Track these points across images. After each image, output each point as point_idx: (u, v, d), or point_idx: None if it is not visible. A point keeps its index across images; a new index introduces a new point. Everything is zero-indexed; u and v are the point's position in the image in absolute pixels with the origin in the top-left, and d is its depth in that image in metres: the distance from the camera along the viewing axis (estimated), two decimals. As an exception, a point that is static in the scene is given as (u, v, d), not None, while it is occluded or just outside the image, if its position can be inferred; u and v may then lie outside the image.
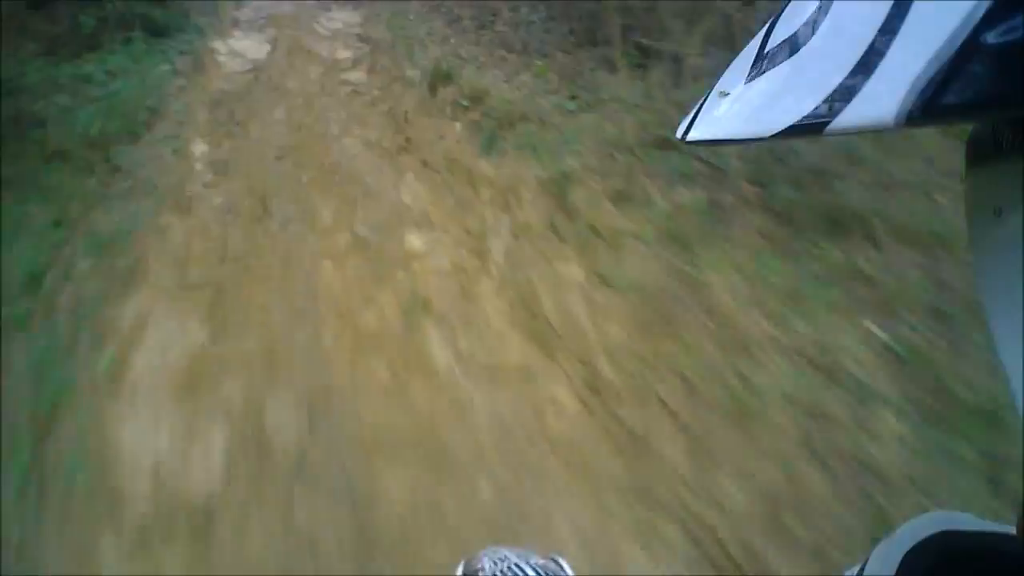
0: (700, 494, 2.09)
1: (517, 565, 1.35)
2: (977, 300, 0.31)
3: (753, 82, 0.34)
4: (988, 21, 0.23)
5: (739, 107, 0.35)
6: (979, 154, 0.32)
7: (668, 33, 4.46)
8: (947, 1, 0.25)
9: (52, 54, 4.59)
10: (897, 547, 0.46)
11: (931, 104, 0.24)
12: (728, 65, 0.37)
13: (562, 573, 1.35)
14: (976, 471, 2.05)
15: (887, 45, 0.26)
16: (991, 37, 0.23)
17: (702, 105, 0.38)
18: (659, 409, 2.38)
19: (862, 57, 0.27)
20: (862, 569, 0.47)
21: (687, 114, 0.38)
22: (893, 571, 0.45)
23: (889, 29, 0.26)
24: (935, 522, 0.47)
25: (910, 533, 0.46)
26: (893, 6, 0.27)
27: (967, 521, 0.47)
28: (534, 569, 1.34)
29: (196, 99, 4.55)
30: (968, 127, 0.33)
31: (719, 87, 0.37)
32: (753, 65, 0.35)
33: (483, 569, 1.35)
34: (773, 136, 0.31)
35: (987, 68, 0.23)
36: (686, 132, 0.37)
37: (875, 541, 0.48)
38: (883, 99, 0.26)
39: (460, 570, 1.44)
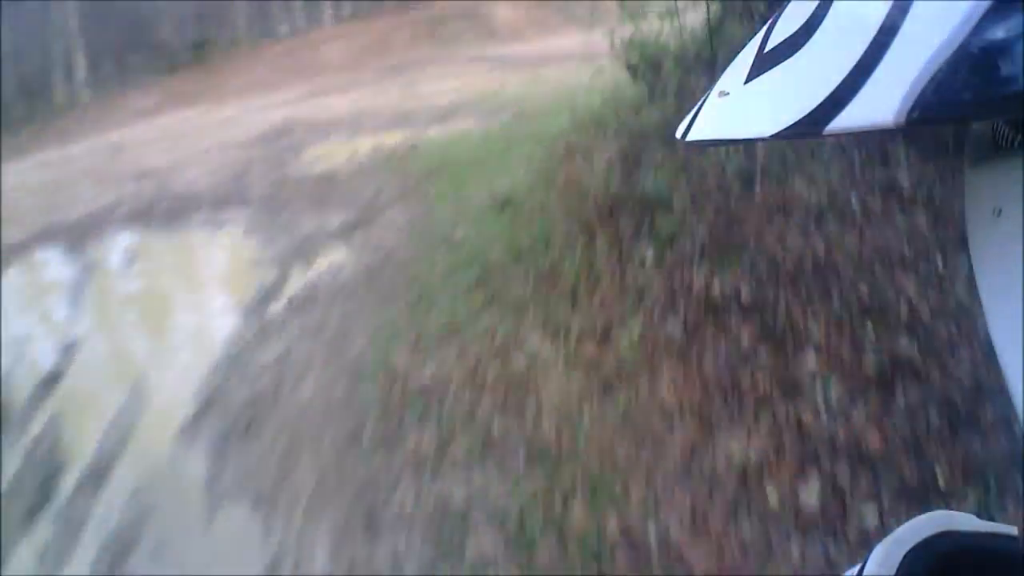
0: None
1: None
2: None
3: (753, 82, 0.34)
4: (988, 21, 0.23)
5: (739, 107, 0.35)
6: (979, 154, 0.32)
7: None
8: (947, 1, 0.25)
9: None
10: (897, 547, 0.46)
11: (931, 104, 0.24)
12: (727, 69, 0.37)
13: None
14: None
15: (887, 45, 0.26)
16: (991, 37, 0.23)
17: (702, 105, 0.38)
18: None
19: (862, 57, 0.27)
20: (862, 569, 0.47)
21: (687, 114, 0.38)
22: (893, 571, 0.45)
23: (889, 29, 0.26)
24: (935, 522, 0.47)
25: (910, 533, 0.46)
26: (893, 6, 0.27)
27: (967, 521, 0.47)
28: None
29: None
30: (968, 127, 0.34)
31: (719, 87, 0.37)
32: (753, 65, 0.35)
33: None
34: (773, 136, 0.31)
35: (987, 68, 0.23)
36: (686, 132, 0.38)
37: (875, 541, 0.48)
38: (883, 99, 0.26)
39: None
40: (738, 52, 0.38)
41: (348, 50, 13.83)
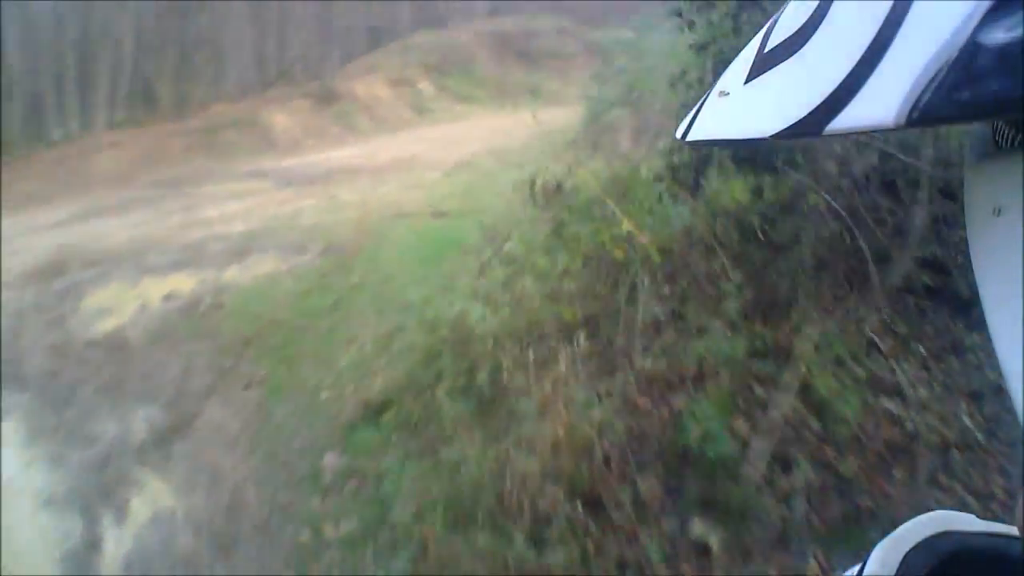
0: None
1: None
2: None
3: (753, 82, 0.34)
4: (988, 21, 0.23)
5: (739, 107, 0.35)
6: (979, 153, 0.32)
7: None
8: (947, 1, 0.25)
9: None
10: (897, 547, 0.46)
11: (931, 105, 0.24)
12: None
13: None
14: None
15: (887, 45, 0.26)
16: (991, 37, 0.23)
17: (702, 105, 0.38)
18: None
19: (862, 57, 0.27)
20: (862, 569, 0.47)
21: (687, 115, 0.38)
22: (893, 571, 0.45)
23: (889, 29, 0.26)
24: (935, 522, 0.47)
25: (910, 533, 0.46)
26: (893, 6, 0.27)
27: (967, 521, 0.47)
28: None
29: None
30: (968, 127, 0.34)
31: (719, 87, 0.37)
32: (753, 65, 0.35)
33: None
34: (774, 136, 0.31)
35: (987, 68, 0.23)
36: (686, 132, 0.38)
37: (875, 541, 0.48)
38: (883, 99, 0.26)
39: None
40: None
41: (122, 160, 12.81)
